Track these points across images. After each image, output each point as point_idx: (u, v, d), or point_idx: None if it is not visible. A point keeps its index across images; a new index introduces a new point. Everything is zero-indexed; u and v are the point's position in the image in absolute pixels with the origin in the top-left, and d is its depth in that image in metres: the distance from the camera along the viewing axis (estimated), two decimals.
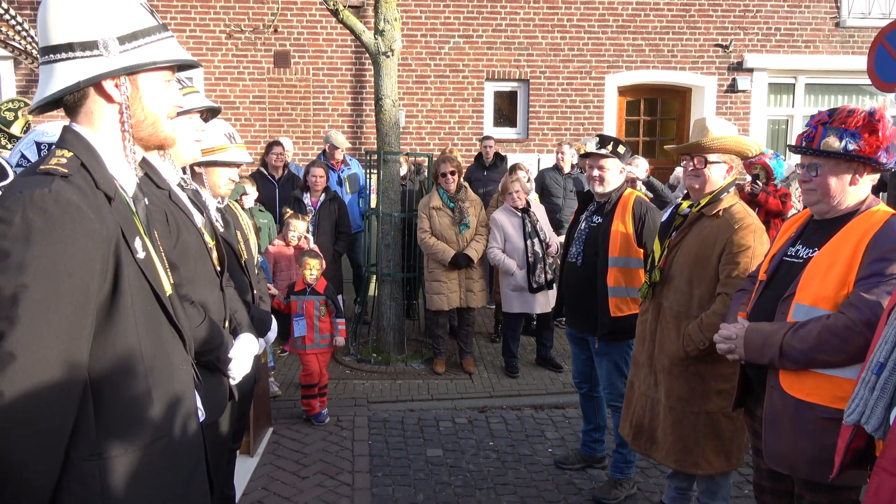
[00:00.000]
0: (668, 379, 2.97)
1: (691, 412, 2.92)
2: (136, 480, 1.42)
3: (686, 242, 2.92)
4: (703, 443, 2.93)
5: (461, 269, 5.39)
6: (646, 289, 3.06)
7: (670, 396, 2.97)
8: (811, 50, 8.97)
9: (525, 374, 5.60)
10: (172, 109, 1.57)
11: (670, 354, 2.94)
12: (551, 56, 8.76)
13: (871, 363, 1.64)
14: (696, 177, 2.89)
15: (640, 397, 3.14)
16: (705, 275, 2.84)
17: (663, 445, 3.02)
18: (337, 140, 6.75)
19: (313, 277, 4.63)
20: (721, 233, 2.80)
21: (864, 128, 2.12)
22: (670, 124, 9.45)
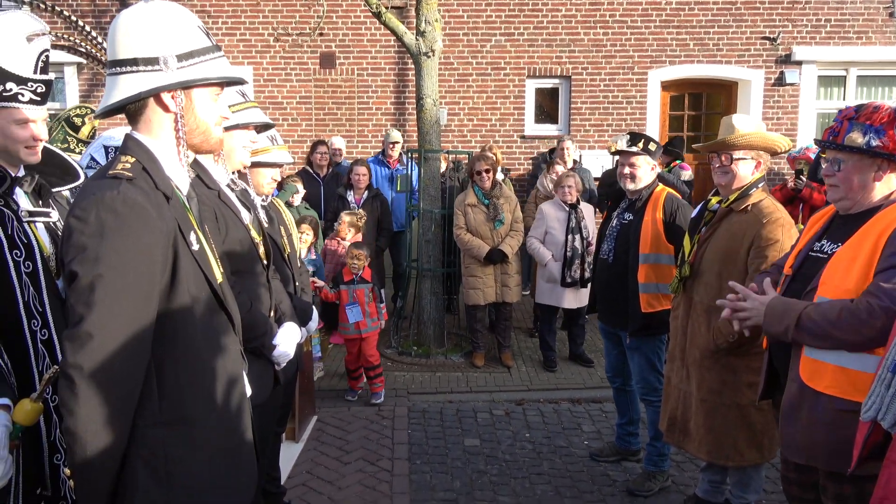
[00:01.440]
0: (699, 372, 3.02)
1: (723, 404, 2.97)
2: (195, 447, 1.59)
3: (715, 237, 2.97)
4: (734, 434, 2.98)
5: (496, 264, 5.49)
6: (676, 283, 3.12)
7: (702, 389, 3.02)
8: (863, 41, 8.71)
9: (563, 368, 5.67)
10: (220, 119, 1.75)
11: (701, 347, 3.00)
12: (593, 52, 8.74)
13: (888, 361, 1.67)
14: (724, 174, 2.94)
15: (674, 390, 3.21)
16: (734, 269, 2.88)
17: (696, 437, 3.08)
18: (392, 136, 6.94)
19: (360, 265, 4.85)
20: (749, 227, 2.85)
21: (888, 124, 2.13)
22: (716, 119, 9.29)
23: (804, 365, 2.20)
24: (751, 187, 2.93)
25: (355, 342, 4.87)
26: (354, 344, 4.88)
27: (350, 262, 4.90)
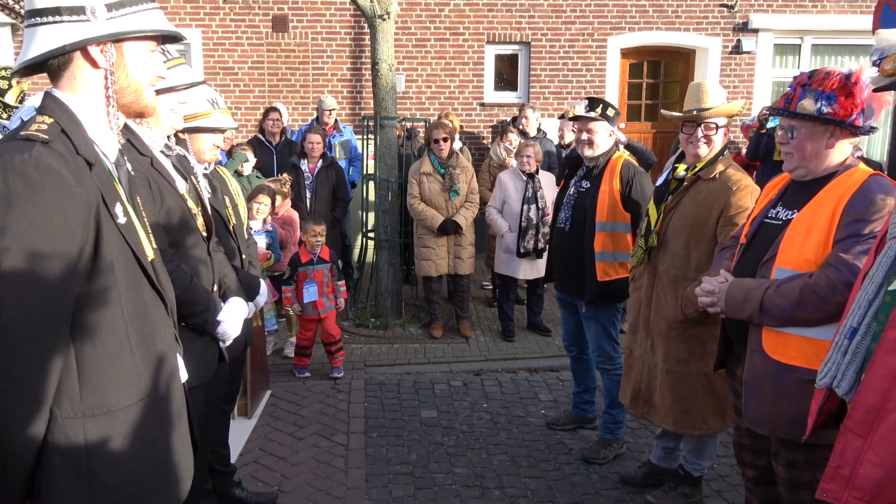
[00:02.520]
0: (665, 342, 3.01)
1: (690, 374, 2.97)
2: (119, 438, 1.47)
3: (682, 206, 2.94)
4: (700, 404, 2.99)
5: (449, 235, 5.42)
6: (641, 254, 3.07)
7: (668, 359, 3.01)
8: (818, 10, 8.78)
9: (521, 337, 5.67)
10: (155, 78, 1.60)
11: (668, 318, 2.98)
12: (553, 18, 8.62)
13: (844, 327, 1.67)
14: (706, 144, 2.91)
15: (637, 362, 3.19)
16: (703, 237, 2.86)
17: (661, 408, 3.07)
18: (327, 103, 6.73)
19: (319, 243, 4.71)
20: (719, 195, 2.84)
21: (839, 90, 2.11)
22: (673, 87, 9.32)
23: (767, 337, 2.20)
24: (718, 155, 2.93)
25: (313, 321, 4.76)
26: (312, 323, 4.77)
27: (308, 240, 4.74)
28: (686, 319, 2.89)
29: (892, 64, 1.53)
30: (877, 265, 1.63)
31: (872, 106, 2.15)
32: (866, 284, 1.64)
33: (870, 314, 1.61)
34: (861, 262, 2.01)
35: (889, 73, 1.55)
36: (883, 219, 2.02)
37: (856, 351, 1.63)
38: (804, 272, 2.12)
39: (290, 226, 5.28)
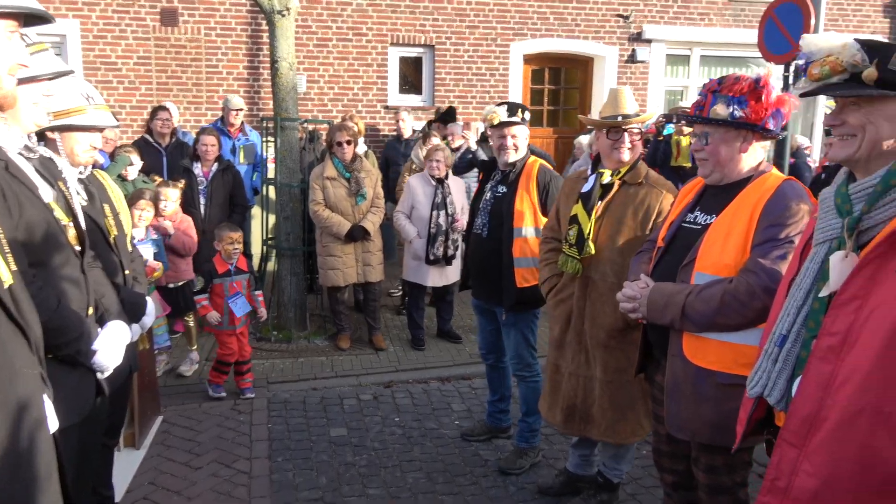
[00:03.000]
0: (604, 353, 2.94)
1: (627, 381, 2.92)
2: None
3: (613, 212, 2.90)
4: (637, 409, 2.96)
5: (357, 241, 5.21)
6: (576, 264, 2.93)
7: (608, 370, 2.94)
8: (706, 22, 9.26)
9: (431, 346, 5.55)
10: (14, 65, 1.33)
11: (607, 327, 2.90)
12: (457, 21, 8.58)
13: (774, 335, 1.64)
14: (630, 149, 2.90)
15: (569, 378, 3.08)
16: (637, 242, 2.82)
17: (601, 422, 2.99)
18: (233, 102, 6.34)
19: (237, 251, 4.42)
20: (651, 198, 2.84)
21: (750, 94, 2.13)
22: (573, 93, 9.54)
23: (687, 342, 2.18)
24: (639, 159, 2.96)
25: (232, 336, 4.43)
26: (232, 338, 4.43)
27: (225, 248, 4.40)
28: (627, 326, 2.84)
29: (820, 69, 1.51)
30: (804, 271, 1.61)
31: (782, 110, 2.18)
32: (794, 291, 1.62)
33: (799, 321, 1.59)
34: (780, 266, 2.02)
35: (816, 77, 1.53)
36: (798, 223, 2.05)
37: (786, 359, 1.60)
38: (724, 277, 2.12)
39: (189, 234, 4.87)
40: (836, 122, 1.55)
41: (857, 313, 1.42)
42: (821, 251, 1.57)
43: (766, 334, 1.75)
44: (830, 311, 1.47)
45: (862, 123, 1.50)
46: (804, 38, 1.57)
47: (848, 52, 1.48)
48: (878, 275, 1.41)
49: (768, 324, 1.76)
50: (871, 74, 1.46)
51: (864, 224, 1.49)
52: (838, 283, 1.48)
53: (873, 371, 1.37)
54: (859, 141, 1.50)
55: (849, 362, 1.42)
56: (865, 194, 1.50)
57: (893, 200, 1.46)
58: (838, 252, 1.51)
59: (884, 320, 1.37)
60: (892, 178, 1.46)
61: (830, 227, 1.56)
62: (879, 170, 1.50)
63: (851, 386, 1.40)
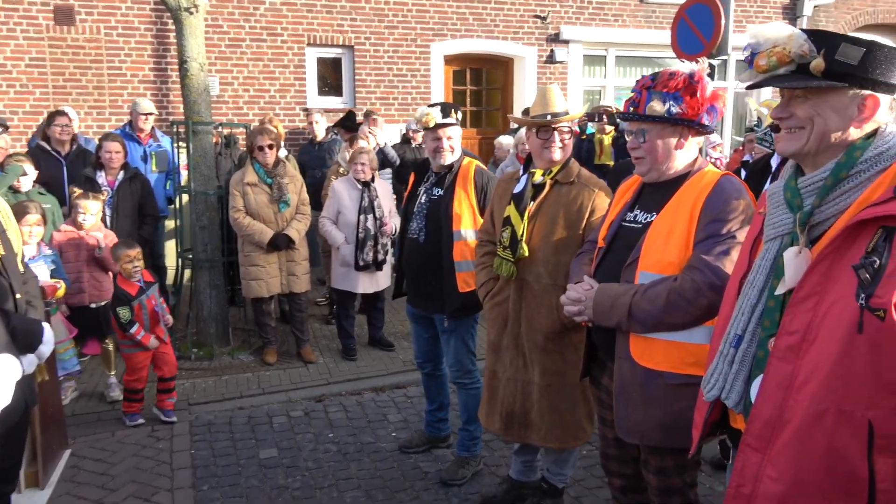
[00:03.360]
0: (542, 356, 2.85)
1: (567, 384, 2.85)
2: None
3: (546, 212, 2.82)
4: (578, 413, 2.89)
5: (281, 250, 4.97)
6: (510, 267, 2.85)
7: (546, 374, 2.86)
8: (620, 24, 9.48)
9: (364, 355, 5.36)
10: None
11: (544, 330, 2.82)
12: (375, 21, 8.41)
13: (729, 336, 1.59)
14: (561, 149, 2.83)
15: (507, 384, 2.98)
16: (571, 242, 2.76)
17: (541, 427, 2.91)
18: (142, 106, 5.92)
19: (137, 269, 4.11)
20: (584, 197, 2.77)
21: (685, 90, 2.11)
22: (495, 94, 9.56)
23: (634, 344, 2.12)
24: (570, 158, 2.89)
25: (147, 356, 4.11)
26: (146, 358, 4.10)
27: (124, 268, 4.07)
28: (564, 328, 2.77)
29: (766, 60, 1.47)
30: (756, 269, 1.56)
31: (716, 105, 2.16)
32: (747, 290, 1.57)
33: (754, 320, 1.54)
34: (723, 262, 2.00)
35: (763, 69, 1.48)
36: (738, 218, 2.02)
37: (742, 360, 1.55)
38: (668, 275, 2.07)
39: None
40: (783, 114, 1.51)
41: (815, 310, 1.38)
42: (773, 247, 1.53)
43: (717, 334, 1.70)
44: (788, 309, 1.43)
45: (810, 116, 1.46)
46: (750, 29, 1.53)
47: (795, 43, 1.44)
48: (834, 270, 1.37)
49: (719, 323, 1.71)
50: (818, 65, 1.42)
51: (815, 218, 1.46)
52: (794, 279, 1.43)
53: (834, 369, 1.33)
54: (808, 133, 1.47)
55: (809, 361, 1.37)
56: (816, 188, 1.47)
57: (844, 193, 1.43)
58: (792, 248, 1.47)
59: (841, 316, 1.33)
60: (842, 171, 1.43)
61: (781, 223, 1.52)
62: (828, 162, 1.46)
63: (813, 386, 1.36)
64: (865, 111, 1.43)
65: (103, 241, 4.39)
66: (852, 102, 1.43)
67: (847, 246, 1.36)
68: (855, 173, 1.42)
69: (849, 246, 1.36)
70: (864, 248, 1.33)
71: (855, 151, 1.43)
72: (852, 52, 1.40)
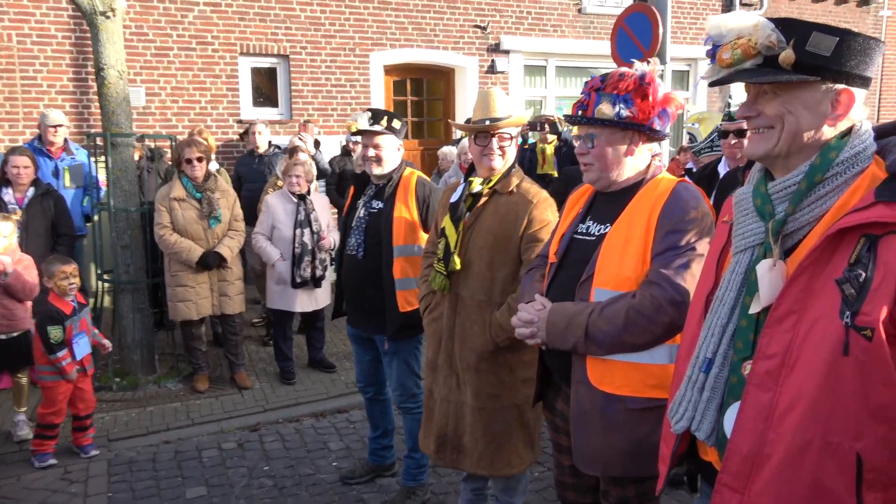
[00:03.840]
0: (475, 377, 2.66)
1: (501, 408, 2.65)
2: None
3: (482, 223, 2.63)
4: (514, 438, 2.69)
5: (212, 269, 4.65)
6: (442, 280, 2.68)
7: (479, 396, 2.66)
8: (559, 34, 9.50)
9: (303, 378, 5.07)
10: None
11: (477, 349, 2.63)
12: (311, 30, 8.15)
13: (697, 359, 1.42)
14: (500, 156, 2.63)
15: (440, 404, 2.78)
16: (507, 256, 2.57)
17: (473, 453, 2.70)
18: (51, 118, 5.48)
19: (73, 287, 3.79)
20: (520, 209, 2.58)
21: (635, 92, 1.96)
22: (437, 104, 9.42)
23: (592, 367, 1.95)
24: (512, 167, 2.69)
25: (68, 388, 3.74)
26: (67, 390, 3.74)
27: (58, 284, 3.74)
28: (497, 348, 2.58)
29: (730, 53, 1.32)
30: (725, 284, 1.40)
31: (668, 109, 2.02)
32: (716, 308, 1.41)
33: (725, 342, 1.38)
34: (684, 276, 1.85)
35: (727, 63, 1.34)
36: (698, 228, 1.89)
37: (714, 386, 1.39)
38: (626, 291, 1.91)
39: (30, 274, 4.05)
40: (750, 113, 1.37)
41: (795, 330, 1.23)
42: (743, 260, 1.38)
43: (682, 355, 1.54)
44: (765, 329, 1.27)
45: (780, 114, 1.32)
46: (710, 20, 1.38)
47: (761, 33, 1.30)
48: (814, 284, 1.22)
49: (684, 344, 1.55)
50: (788, 57, 1.28)
51: (789, 227, 1.31)
52: (769, 296, 1.28)
53: (818, 397, 1.18)
54: (778, 133, 1.32)
55: (790, 388, 1.22)
56: (788, 193, 1.32)
57: (820, 198, 1.29)
58: (765, 261, 1.32)
59: (825, 336, 1.18)
60: (817, 174, 1.29)
61: (752, 233, 1.37)
62: (801, 165, 1.32)
63: (796, 415, 1.20)
64: (840, 107, 1.30)
65: (10, 266, 3.96)
66: (825, 98, 1.30)
67: (827, 257, 1.22)
68: (831, 176, 1.28)
69: (829, 257, 1.21)
70: (846, 259, 1.19)
71: (830, 152, 1.29)
72: (825, 43, 1.26)
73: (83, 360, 3.81)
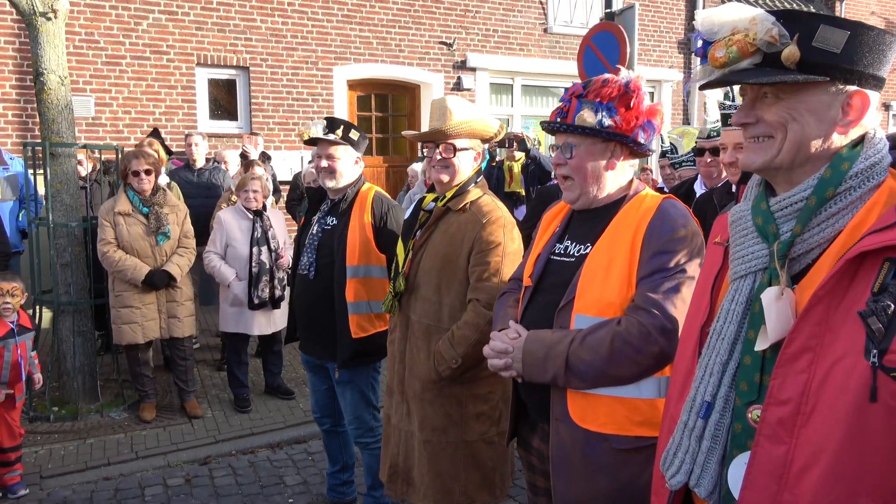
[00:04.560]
0: (420, 407, 2.44)
1: (449, 444, 2.42)
2: None
3: (432, 243, 2.43)
4: (464, 479, 2.44)
5: (160, 289, 4.34)
6: (390, 301, 2.50)
7: (424, 428, 2.44)
8: (525, 53, 9.46)
9: (259, 405, 4.77)
10: None
11: (422, 377, 2.42)
12: (273, 42, 7.92)
13: (694, 402, 1.23)
14: (444, 167, 2.42)
15: (394, 431, 2.58)
16: (454, 279, 2.37)
17: (420, 487, 2.48)
18: None
19: (9, 307, 3.48)
20: (469, 229, 2.36)
21: (619, 100, 1.79)
22: (402, 121, 9.26)
23: (573, 401, 1.75)
24: (469, 182, 2.46)
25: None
26: None
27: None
28: (440, 378, 2.37)
29: (725, 50, 1.15)
30: (724, 315, 1.22)
31: (653, 121, 1.85)
32: (714, 342, 1.23)
33: (726, 382, 1.19)
34: (673, 301, 1.68)
35: (721, 62, 1.17)
36: (688, 248, 1.72)
37: (715, 435, 1.19)
38: (610, 318, 1.72)
39: None
40: (748, 119, 1.19)
41: (811, 371, 1.05)
42: (743, 287, 1.20)
43: (672, 395, 1.35)
44: (776, 370, 1.09)
45: (782, 120, 1.15)
46: (701, 14, 1.21)
47: (760, 28, 1.13)
48: (832, 317, 1.05)
49: (675, 382, 1.37)
50: (792, 54, 1.11)
51: (796, 249, 1.14)
52: (779, 331, 1.10)
53: (842, 451, 1.00)
54: (779, 143, 1.15)
55: (808, 440, 1.04)
56: (794, 211, 1.15)
57: (832, 216, 1.12)
58: (771, 289, 1.14)
59: (847, 380, 1.00)
60: (828, 189, 1.12)
61: (753, 256, 1.19)
62: (807, 178, 1.15)
63: (816, 474, 1.02)
64: (851, 112, 1.13)
65: None
66: (835, 101, 1.13)
67: (845, 285, 1.04)
68: (844, 191, 1.12)
69: (847, 285, 1.04)
70: (867, 287, 1.02)
71: (842, 164, 1.13)
72: (834, 37, 1.10)
73: (17, 389, 3.48)
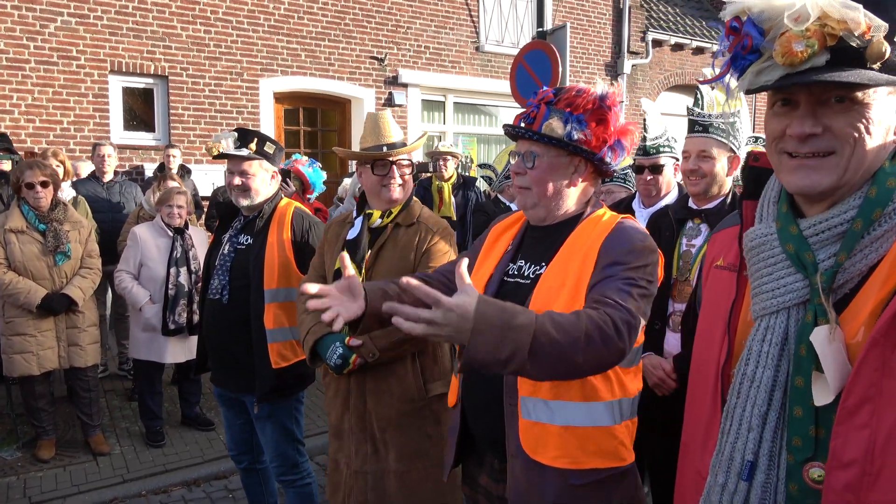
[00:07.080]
0: (398, 435, 2.27)
1: (431, 467, 2.26)
2: None
3: (382, 261, 2.30)
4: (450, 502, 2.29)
5: (58, 314, 3.92)
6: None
7: (403, 457, 2.26)
8: (457, 70, 9.41)
9: (174, 438, 4.40)
10: None
11: (396, 401, 2.25)
12: (194, 51, 7.54)
13: (733, 461, 1.06)
14: (402, 186, 2.35)
15: (354, 478, 2.34)
16: None
17: None
18: None
19: None
20: (420, 241, 2.29)
21: (592, 114, 1.66)
22: (332, 136, 9.01)
23: (525, 431, 1.58)
24: (411, 198, 2.41)
25: None
26: None
27: None
28: (422, 397, 2.26)
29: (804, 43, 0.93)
30: (755, 358, 1.05)
31: (623, 142, 1.72)
32: (746, 389, 1.05)
33: (768, 437, 1.03)
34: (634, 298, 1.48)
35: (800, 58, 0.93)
36: (646, 268, 1.56)
37: (762, 499, 1.02)
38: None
39: None
40: (815, 129, 0.99)
41: (873, 425, 0.91)
42: (776, 326, 1.04)
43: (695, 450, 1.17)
44: (837, 428, 0.94)
45: (850, 132, 0.97)
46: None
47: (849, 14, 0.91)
48: (891, 360, 0.91)
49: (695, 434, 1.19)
50: (878, 50, 0.92)
51: (837, 280, 1.00)
52: (839, 379, 0.95)
53: None
54: (846, 159, 0.98)
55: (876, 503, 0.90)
56: (834, 235, 1.00)
57: (876, 241, 0.98)
58: (821, 329, 0.97)
59: None
60: (875, 209, 0.98)
61: (787, 290, 1.03)
62: (847, 197, 1.00)
63: None
64: None
65: None
66: None
67: None
68: (889, 212, 0.98)
69: None
70: None
71: (887, 180, 0.99)
72: None
73: None
